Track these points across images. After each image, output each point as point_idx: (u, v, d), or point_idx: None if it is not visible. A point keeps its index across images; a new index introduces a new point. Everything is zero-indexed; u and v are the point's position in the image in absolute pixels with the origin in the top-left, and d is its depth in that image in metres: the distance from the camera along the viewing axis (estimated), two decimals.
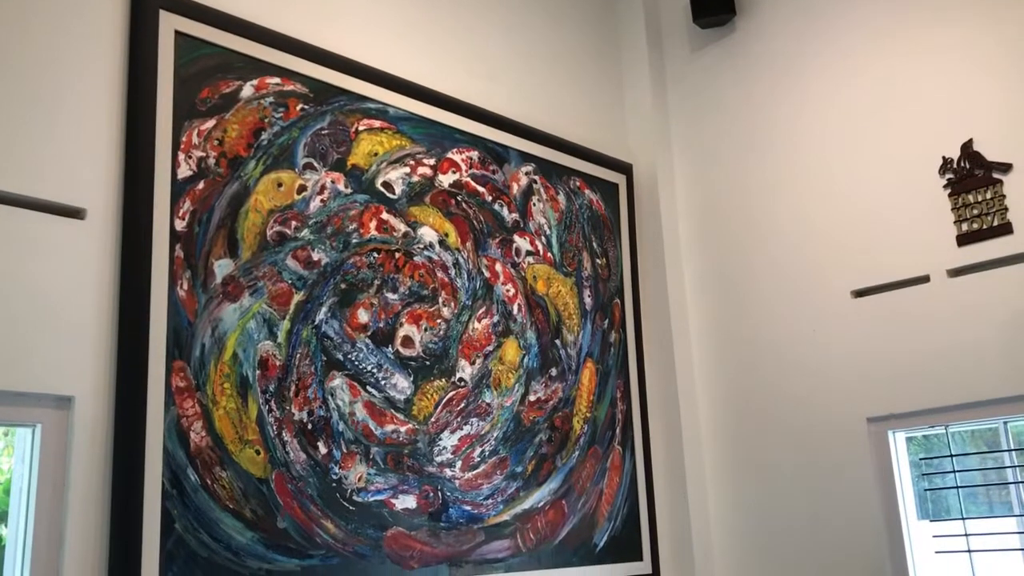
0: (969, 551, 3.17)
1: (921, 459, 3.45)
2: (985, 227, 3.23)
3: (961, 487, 3.26)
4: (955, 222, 3.31)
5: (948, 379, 3.26)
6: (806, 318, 3.67)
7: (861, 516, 3.40)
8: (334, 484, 2.69)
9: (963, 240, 3.28)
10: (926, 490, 3.39)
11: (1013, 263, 3.17)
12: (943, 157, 3.37)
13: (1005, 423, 3.36)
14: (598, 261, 3.81)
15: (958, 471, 3.27)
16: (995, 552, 3.22)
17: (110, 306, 2.34)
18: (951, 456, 3.29)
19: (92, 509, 2.22)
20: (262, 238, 2.67)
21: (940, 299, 3.32)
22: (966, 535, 3.19)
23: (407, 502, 2.87)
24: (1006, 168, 3.22)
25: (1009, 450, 3.26)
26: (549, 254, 3.59)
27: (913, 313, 3.38)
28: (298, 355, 2.68)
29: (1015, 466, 3.25)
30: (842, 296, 3.58)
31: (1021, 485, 3.23)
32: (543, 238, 3.57)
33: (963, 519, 3.22)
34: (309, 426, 2.67)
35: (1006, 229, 3.19)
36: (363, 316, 2.88)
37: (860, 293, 3.54)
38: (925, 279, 3.36)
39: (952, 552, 3.22)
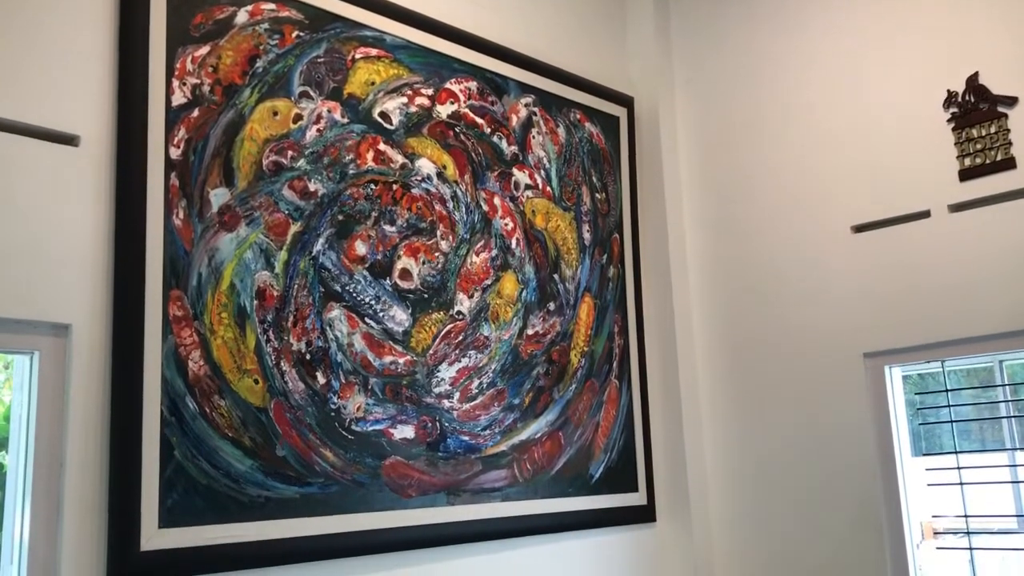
0: (961, 484, 3.21)
1: (917, 394, 3.47)
2: (988, 162, 3.20)
3: (956, 421, 3.29)
4: (958, 157, 3.28)
5: (946, 315, 3.27)
6: (805, 253, 3.66)
7: (856, 450, 3.44)
8: (333, 413, 2.71)
9: (965, 175, 3.25)
10: (920, 424, 3.42)
11: (1015, 198, 3.16)
12: (948, 91, 3.32)
13: (1000, 362, 3.38)
14: (597, 196, 3.79)
15: (953, 405, 3.30)
16: (986, 485, 3.26)
17: (106, 234, 2.33)
18: (946, 391, 3.31)
19: (91, 436, 2.23)
20: (258, 168, 2.64)
21: (940, 235, 3.30)
22: (958, 468, 3.22)
23: (405, 432, 2.90)
24: (1011, 102, 3.18)
25: (1003, 385, 3.28)
26: (548, 188, 3.56)
27: (913, 249, 3.37)
28: (296, 286, 2.68)
29: (1009, 400, 3.27)
30: (842, 231, 3.56)
31: (1014, 420, 3.26)
32: (542, 172, 3.55)
33: (956, 453, 3.25)
34: (307, 356, 2.68)
35: (1009, 164, 3.16)
36: (361, 248, 2.87)
37: (860, 228, 3.52)
38: (926, 214, 3.35)
39: (944, 485, 3.26)
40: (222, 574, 2.40)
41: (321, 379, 2.70)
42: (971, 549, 3.19)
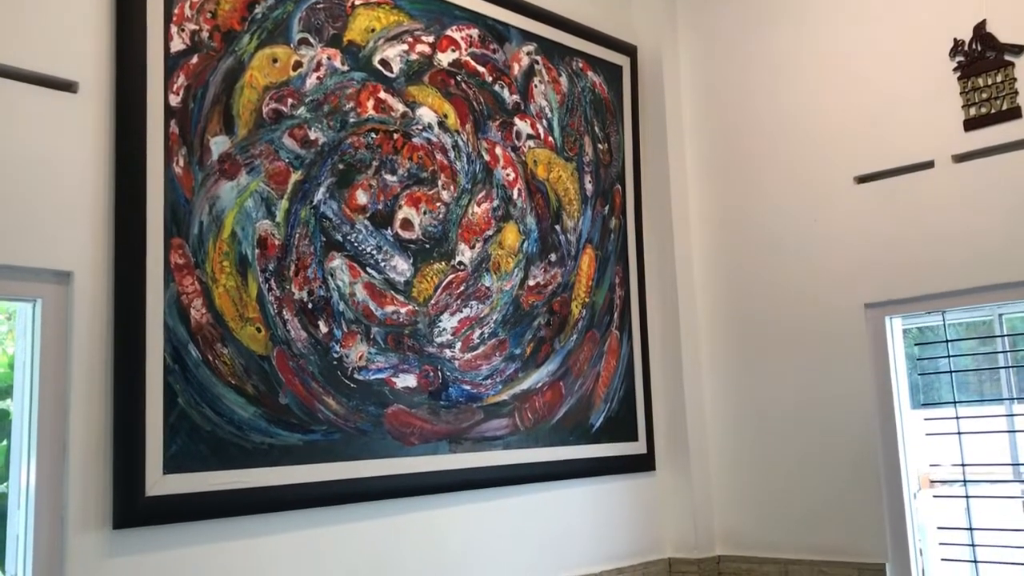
0: (959, 433, 3.23)
1: (916, 344, 3.48)
2: (993, 111, 3.17)
3: (955, 372, 3.31)
4: (963, 106, 3.25)
5: (947, 265, 3.26)
6: (808, 204, 3.64)
7: (855, 400, 3.46)
8: (335, 362, 2.72)
9: (970, 125, 3.23)
10: (920, 375, 3.44)
11: (1019, 148, 3.13)
12: (954, 39, 3.28)
13: (1000, 315, 3.38)
14: (600, 146, 3.76)
15: (952, 356, 3.31)
16: (983, 435, 3.28)
17: (106, 182, 2.32)
18: (946, 342, 3.32)
19: (95, 384, 2.25)
20: (258, 115, 2.63)
21: (944, 185, 3.29)
22: (956, 418, 3.24)
23: (407, 381, 2.91)
24: (1019, 50, 3.15)
25: (1002, 335, 3.29)
26: (550, 138, 3.54)
27: (916, 199, 3.35)
28: (297, 235, 2.67)
29: (1007, 351, 3.29)
30: (845, 182, 3.54)
31: (1012, 371, 3.28)
32: (544, 121, 3.52)
33: (954, 403, 3.27)
34: (309, 305, 2.68)
35: (1015, 113, 3.14)
36: (362, 197, 2.86)
37: (863, 179, 3.51)
38: (929, 164, 3.33)
39: (942, 434, 3.29)
40: (226, 519, 2.43)
41: (323, 328, 2.71)
42: (967, 497, 3.22)
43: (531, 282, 3.39)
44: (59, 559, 2.15)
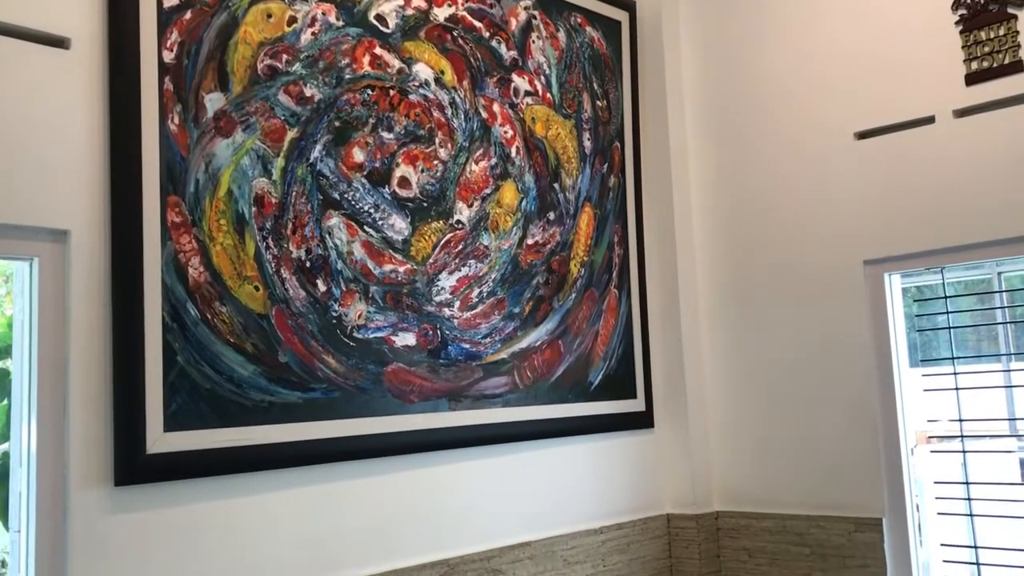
0: (956, 389, 3.25)
1: (916, 301, 3.48)
2: (995, 65, 3.14)
3: (953, 328, 3.31)
4: (964, 60, 3.22)
5: (947, 221, 3.25)
6: (808, 161, 3.62)
7: (854, 357, 3.46)
8: (334, 321, 2.72)
9: (972, 79, 3.20)
10: (918, 331, 3.44)
11: (1021, 103, 3.11)
12: None
13: (999, 273, 3.38)
14: (598, 103, 3.73)
15: (951, 312, 3.31)
16: (980, 390, 3.30)
17: (101, 139, 2.30)
18: (944, 298, 3.32)
19: (94, 342, 2.25)
20: (253, 72, 2.60)
21: (945, 141, 3.27)
22: (954, 373, 3.25)
23: (407, 339, 2.92)
24: (1022, 3, 3.11)
25: (1000, 291, 3.29)
26: (548, 95, 3.51)
27: (916, 155, 3.33)
28: (294, 193, 2.66)
29: (1004, 307, 3.29)
30: (845, 138, 3.52)
31: (1009, 328, 3.29)
32: (542, 78, 3.49)
33: (952, 359, 3.28)
34: (307, 264, 2.67)
35: (1017, 67, 3.10)
36: (358, 155, 2.84)
37: (863, 135, 3.48)
38: (930, 120, 3.30)
39: (939, 390, 3.30)
40: (227, 476, 2.44)
41: (322, 287, 2.70)
42: (964, 452, 3.24)
43: (529, 241, 3.38)
44: (61, 515, 2.17)
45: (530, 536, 3.21)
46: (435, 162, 3.06)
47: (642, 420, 3.74)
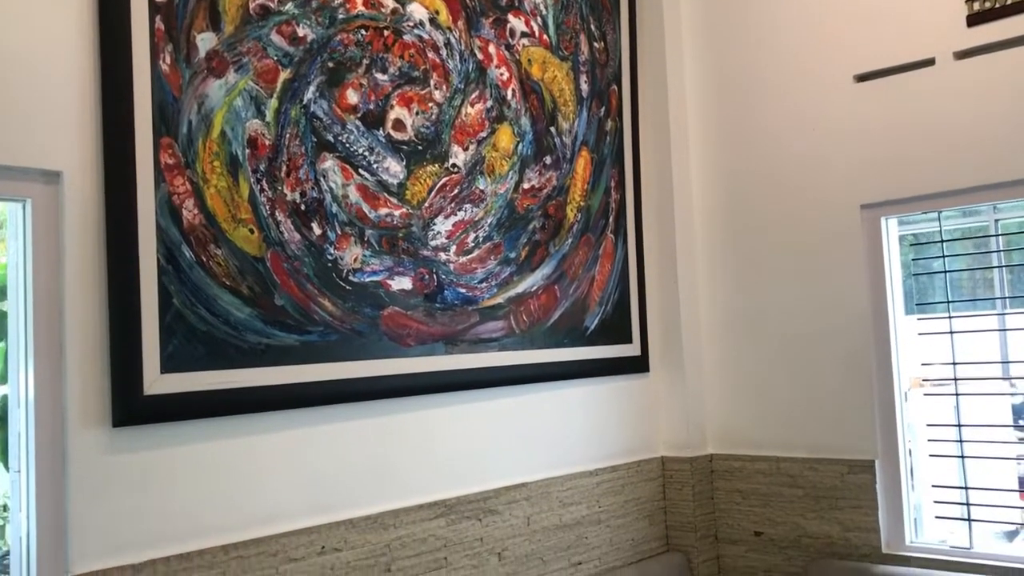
0: (951, 332, 3.26)
1: (912, 245, 3.48)
2: (997, 5, 3.10)
3: (949, 272, 3.31)
4: (966, 1, 3.18)
5: (945, 165, 3.24)
6: (806, 104, 3.60)
7: (849, 301, 3.47)
8: (330, 264, 2.72)
9: (973, 20, 3.16)
10: (914, 274, 3.45)
11: (1022, 44, 3.07)
12: None
13: (996, 220, 3.38)
14: (596, 45, 3.69)
15: (947, 256, 3.31)
16: (974, 334, 3.31)
17: (92, 80, 2.27)
18: (941, 242, 3.32)
19: (89, 284, 2.24)
20: (245, 11, 2.56)
21: (944, 83, 3.24)
22: (949, 317, 3.27)
23: (403, 283, 2.91)
24: None
25: (996, 235, 3.29)
26: (545, 36, 3.46)
27: (915, 98, 3.31)
28: (288, 135, 2.64)
29: (1000, 251, 3.29)
30: (844, 81, 3.49)
31: (1004, 272, 3.29)
32: (539, 18, 3.44)
33: (947, 302, 3.29)
34: (302, 207, 2.66)
35: (1019, 7, 3.07)
36: (352, 97, 2.81)
37: (862, 78, 3.45)
38: (930, 62, 3.27)
39: (934, 334, 3.31)
40: (225, 418, 2.46)
41: (317, 230, 2.69)
42: (956, 395, 3.26)
43: (526, 185, 3.36)
44: (60, 456, 2.18)
45: (526, 478, 3.24)
46: (430, 104, 3.03)
47: (637, 364, 3.77)
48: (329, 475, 2.68)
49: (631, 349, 3.74)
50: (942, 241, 3.31)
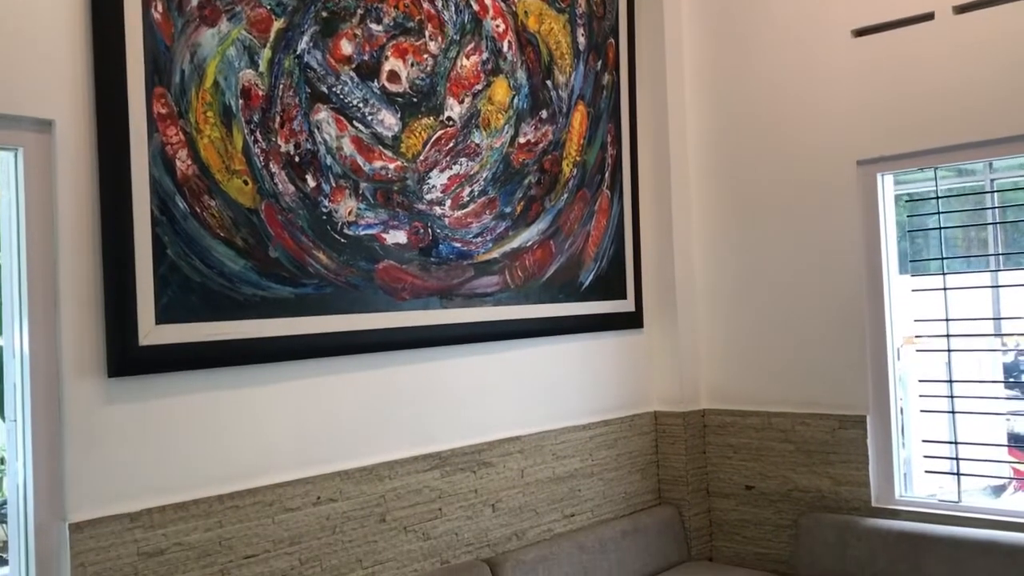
0: (944, 289, 3.27)
1: (908, 201, 3.48)
2: None
3: (944, 228, 3.31)
4: None
5: (941, 121, 3.23)
6: (804, 59, 3.57)
7: (844, 257, 3.48)
8: (324, 217, 2.71)
9: None
10: (909, 231, 3.45)
11: None
12: None
13: (992, 180, 3.37)
14: None
15: (942, 212, 3.31)
16: (967, 290, 3.33)
17: (84, 28, 2.24)
18: (936, 199, 3.32)
19: (83, 234, 2.23)
20: None
21: (943, 38, 3.21)
22: (944, 273, 3.27)
23: (398, 237, 2.91)
24: None
25: (992, 191, 3.29)
26: None
27: (913, 53, 3.29)
28: (281, 85, 2.61)
29: (995, 207, 3.29)
30: (842, 35, 3.46)
31: (999, 230, 3.30)
32: None
33: (942, 259, 3.29)
34: (296, 159, 2.64)
35: None
36: (346, 47, 2.78)
37: (860, 32, 3.42)
38: (929, 16, 3.24)
39: (928, 290, 3.32)
40: (220, 369, 2.46)
41: (311, 182, 2.68)
42: (949, 351, 3.28)
43: (521, 139, 3.34)
44: (56, 406, 2.19)
45: (520, 431, 3.27)
46: (425, 56, 3.00)
47: (632, 320, 3.78)
48: (324, 427, 2.70)
49: (626, 305, 3.75)
50: (937, 197, 3.31)
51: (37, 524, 2.18)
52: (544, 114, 3.43)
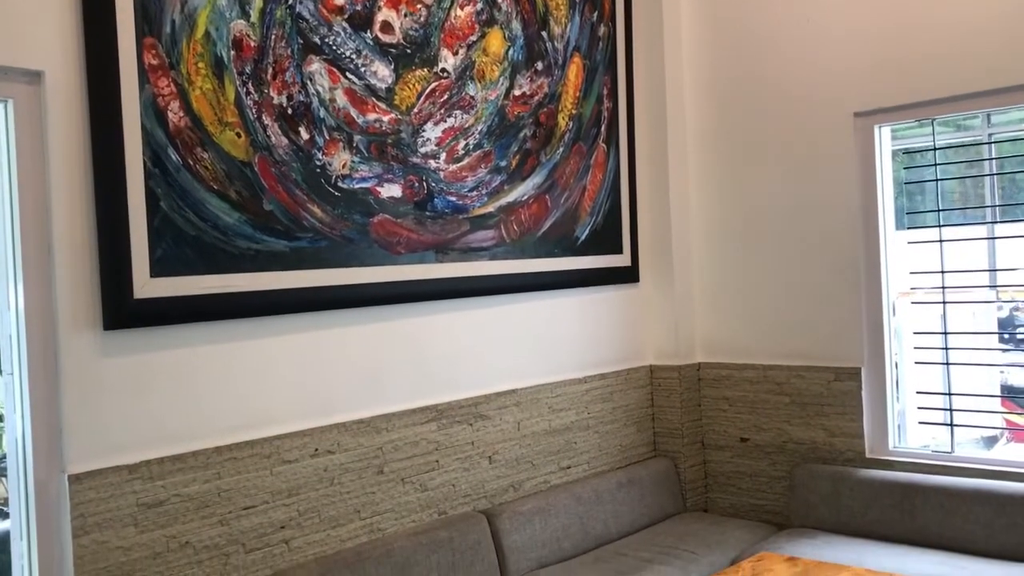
0: (940, 241, 3.27)
1: (905, 153, 3.47)
2: None
3: (940, 180, 3.30)
4: None
5: (939, 72, 3.20)
6: (801, 8, 3.53)
7: (841, 211, 3.47)
8: (318, 170, 2.69)
9: None
10: (906, 183, 3.44)
11: None
12: None
13: (990, 135, 3.35)
14: None
15: (940, 164, 3.29)
16: (963, 248, 3.33)
17: None
18: (934, 150, 3.30)
19: (75, 187, 2.22)
20: None
21: None
22: (939, 226, 3.27)
23: (392, 191, 2.90)
24: None
25: (989, 143, 3.28)
26: None
27: (913, 5, 3.25)
28: (273, 36, 2.58)
29: (992, 158, 3.28)
30: None
31: (996, 184, 3.29)
32: None
33: (938, 211, 3.29)
34: (289, 111, 2.62)
35: None
36: None
37: None
38: None
39: (924, 243, 3.32)
40: (215, 322, 2.47)
41: (304, 135, 2.66)
42: (944, 303, 3.29)
43: (516, 92, 3.32)
44: (53, 359, 2.20)
45: (516, 384, 3.28)
46: (418, 6, 2.97)
47: (628, 274, 3.78)
48: (321, 380, 2.70)
49: (621, 259, 3.74)
50: (935, 149, 3.30)
51: (36, 477, 2.19)
52: (539, 66, 3.40)
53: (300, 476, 2.62)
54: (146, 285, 2.30)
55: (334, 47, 2.73)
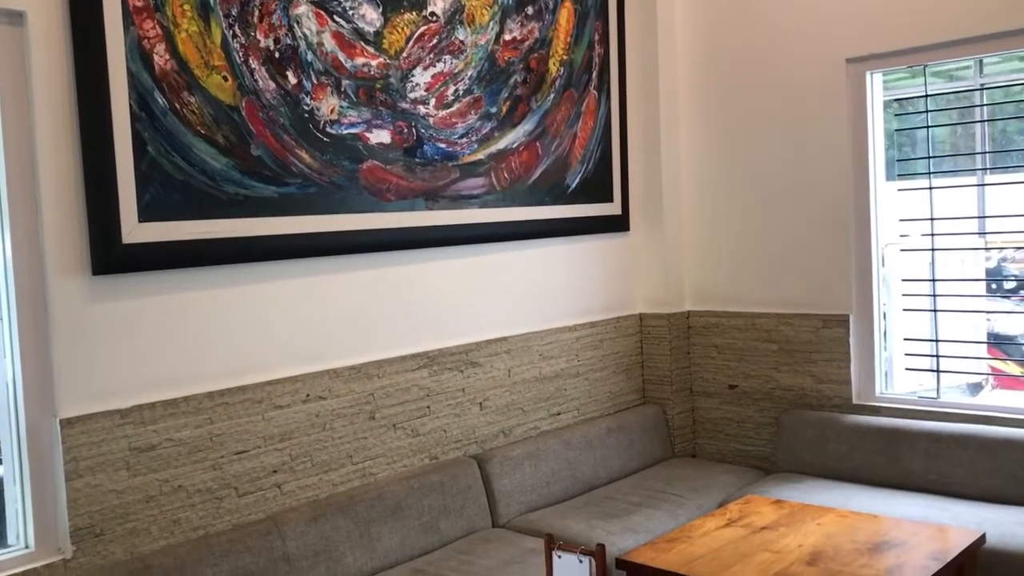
0: (930, 188, 3.27)
1: (896, 100, 3.45)
2: None
3: (932, 127, 3.30)
4: None
5: (932, 18, 3.18)
6: None
7: (831, 159, 3.46)
8: (306, 115, 2.67)
9: None
10: (897, 130, 3.43)
11: None
12: None
13: (982, 84, 3.34)
14: None
15: (931, 111, 3.28)
16: (953, 196, 3.33)
17: None
18: (926, 97, 3.29)
19: (61, 130, 2.19)
20: None
21: None
22: (929, 174, 3.27)
23: (381, 136, 2.87)
24: None
25: (981, 89, 3.27)
26: None
27: None
28: None
29: (983, 104, 3.27)
30: None
31: (986, 130, 3.28)
32: None
33: (928, 157, 3.28)
34: (276, 54, 2.59)
35: None
36: None
37: None
38: None
39: (914, 190, 3.33)
40: (204, 268, 2.46)
41: (292, 79, 2.63)
42: (932, 250, 3.30)
43: (507, 37, 3.28)
44: (42, 304, 2.19)
45: (507, 332, 3.29)
46: None
47: (618, 223, 3.77)
48: (312, 326, 2.71)
49: (612, 208, 3.74)
50: (926, 96, 3.28)
51: (28, 421, 2.20)
52: (530, 10, 3.36)
53: (292, 421, 2.63)
54: (134, 230, 2.29)
55: None
